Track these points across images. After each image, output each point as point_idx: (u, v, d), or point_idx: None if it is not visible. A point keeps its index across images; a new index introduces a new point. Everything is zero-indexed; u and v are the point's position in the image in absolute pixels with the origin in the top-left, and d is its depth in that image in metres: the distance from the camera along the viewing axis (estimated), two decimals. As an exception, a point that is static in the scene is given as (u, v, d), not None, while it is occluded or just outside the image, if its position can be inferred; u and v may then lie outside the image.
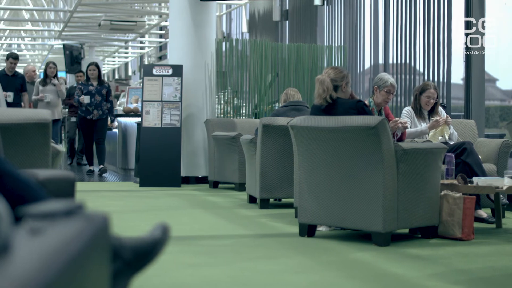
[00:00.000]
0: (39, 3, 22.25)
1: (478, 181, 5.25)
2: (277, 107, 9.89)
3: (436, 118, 6.60)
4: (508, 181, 5.14)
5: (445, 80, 10.07)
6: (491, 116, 10.69)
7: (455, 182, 5.33)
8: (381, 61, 11.79)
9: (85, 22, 19.23)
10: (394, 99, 8.08)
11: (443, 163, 5.52)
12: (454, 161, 5.69)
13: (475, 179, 5.30)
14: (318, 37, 14.08)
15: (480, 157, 6.13)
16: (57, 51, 26.48)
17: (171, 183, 9.30)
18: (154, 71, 9.61)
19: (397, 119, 6.02)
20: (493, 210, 6.04)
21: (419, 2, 10.57)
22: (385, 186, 4.65)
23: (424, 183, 4.95)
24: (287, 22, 15.83)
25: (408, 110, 6.77)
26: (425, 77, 10.33)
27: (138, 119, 10.57)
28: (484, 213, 6.01)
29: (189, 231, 5.45)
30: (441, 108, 6.88)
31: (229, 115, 10.71)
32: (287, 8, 15.79)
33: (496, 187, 5.12)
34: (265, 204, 6.95)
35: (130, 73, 32.33)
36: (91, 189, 9.04)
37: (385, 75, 6.31)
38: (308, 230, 5.11)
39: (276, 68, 11.01)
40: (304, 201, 5.11)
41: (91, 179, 10.54)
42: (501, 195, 5.86)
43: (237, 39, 11.12)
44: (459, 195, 5.07)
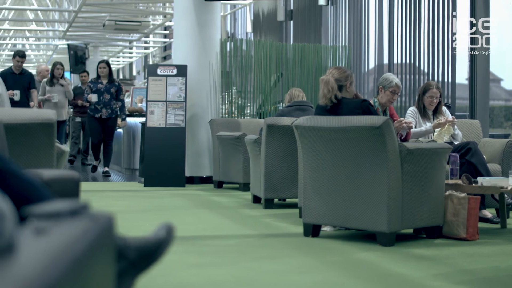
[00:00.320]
0: (43, 3, 22.27)
1: (482, 181, 5.24)
2: (281, 107, 9.89)
3: (440, 118, 6.60)
4: (513, 181, 5.13)
5: (449, 80, 10.07)
6: (495, 116, 10.68)
7: (460, 182, 5.32)
8: (385, 61, 11.79)
9: (89, 22, 19.25)
10: (398, 99, 8.07)
11: (448, 163, 5.51)
12: (458, 161, 5.67)
13: (479, 179, 5.29)
14: (322, 37, 14.08)
15: (484, 157, 6.12)
16: (62, 51, 26.52)
17: (175, 183, 9.30)
18: (158, 71, 9.61)
19: (401, 119, 6.01)
20: (497, 210, 6.03)
21: (423, 2, 10.56)
22: (390, 186, 4.65)
23: (428, 183, 4.94)
24: (292, 22, 15.84)
25: (412, 110, 6.76)
26: (430, 77, 10.33)
27: (142, 119, 10.58)
28: (488, 213, 6.00)
29: (194, 231, 5.45)
30: (445, 108, 6.87)
31: (233, 115, 10.71)
32: (292, 8, 15.79)
33: (500, 187, 5.11)
34: (269, 204, 6.95)
35: (134, 73, 32.39)
36: (95, 189, 9.04)
37: (390, 75, 6.30)
38: (312, 230, 5.10)
39: (280, 68, 11.01)
40: (308, 201, 5.10)
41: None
42: (506, 195, 5.84)
43: (241, 39, 11.12)
44: (463, 195, 5.06)
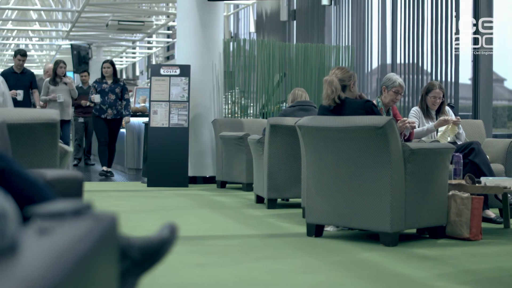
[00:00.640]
0: (46, 3, 22.29)
1: (486, 181, 5.24)
2: (284, 107, 9.89)
3: (443, 117, 6.59)
4: (516, 181, 5.13)
5: (452, 80, 10.06)
6: (499, 116, 10.66)
7: (463, 182, 5.31)
8: (388, 61, 11.78)
9: (92, 22, 19.26)
10: (402, 99, 8.06)
11: (451, 163, 5.51)
12: (462, 161, 5.67)
13: (483, 179, 5.29)
14: (325, 37, 14.08)
15: (488, 157, 6.12)
16: (65, 51, 26.55)
17: (178, 183, 9.30)
18: (161, 71, 9.61)
19: (405, 119, 6.01)
20: (501, 210, 6.02)
21: (426, 2, 10.55)
22: (393, 186, 4.65)
23: (432, 183, 4.94)
24: (295, 22, 15.83)
25: (415, 110, 6.76)
26: (433, 77, 10.32)
27: (145, 119, 10.58)
28: (492, 213, 5.99)
29: (197, 231, 5.45)
30: (448, 108, 6.86)
31: (236, 115, 10.71)
32: (295, 8, 15.79)
33: (504, 187, 5.10)
34: (272, 204, 6.95)
35: (137, 73, 32.40)
36: (98, 189, 9.05)
37: (393, 75, 6.30)
38: (315, 230, 5.10)
39: (283, 68, 11.00)
40: (311, 201, 5.10)
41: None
42: (509, 195, 5.84)
43: (244, 39, 11.12)
44: (467, 195, 5.05)
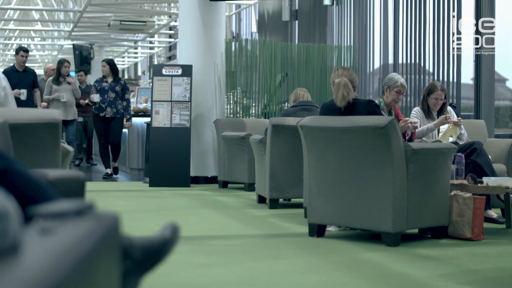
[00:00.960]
0: (48, 3, 22.32)
1: (488, 181, 5.23)
2: (286, 107, 9.89)
3: (443, 115, 6.58)
4: (518, 181, 5.12)
5: (454, 80, 10.05)
6: (501, 116, 10.66)
7: (465, 182, 5.31)
8: (390, 61, 11.77)
9: (94, 22, 19.28)
10: (403, 99, 8.06)
11: (453, 163, 5.50)
12: (464, 161, 5.67)
13: (485, 179, 5.29)
14: (327, 37, 14.07)
15: (490, 157, 6.11)
16: (67, 51, 26.55)
17: (180, 183, 9.30)
18: (163, 71, 9.61)
19: (407, 119, 6.00)
20: (503, 210, 6.02)
21: (428, 2, 10.55)
22: (395, 186, 4.64)
23: (434, 183, 4.94)
24: (297, 22, 15.83)
25: (417, 110, 6.75)
26: (435, 77, 10.31)
27: (147, 119, 10.57)
28: (494, 213, 5.99)
29: (199, 231, 5.45)
30: (450, 108, 6.85)
31: (238, 115, 10.71)
32: (297, 8, 15.79)
33: (506, 187, 5.10)
34: (274, 204, 6.95)
35: (139, 73, 32.44)
36: (100, 189, 9.05)
37: (395, 75, 6.29)
38: (317, 230, 5.10)
39: (285, 68, 11.01)
40: (313, 201, 5.10)
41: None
42: (511, 195, 5.83)
43: (246, 39, 11.12)
44: (469, 195, 5.05)
